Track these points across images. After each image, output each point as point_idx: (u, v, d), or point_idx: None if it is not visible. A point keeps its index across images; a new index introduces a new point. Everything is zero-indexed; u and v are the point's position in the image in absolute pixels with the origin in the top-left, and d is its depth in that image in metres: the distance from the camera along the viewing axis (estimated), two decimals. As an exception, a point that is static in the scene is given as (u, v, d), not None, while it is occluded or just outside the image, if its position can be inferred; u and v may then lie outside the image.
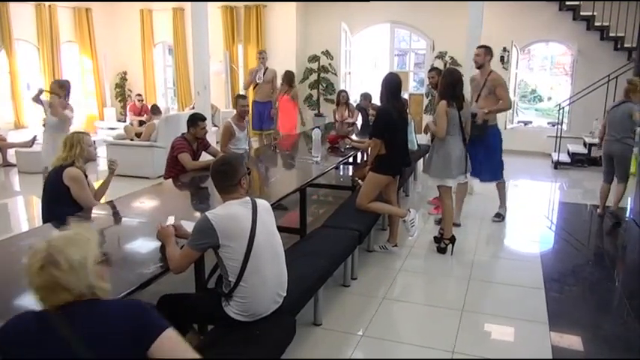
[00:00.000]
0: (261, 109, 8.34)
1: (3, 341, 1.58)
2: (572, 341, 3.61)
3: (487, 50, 5.68)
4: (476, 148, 5.42)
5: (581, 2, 9.46)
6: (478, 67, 5.73)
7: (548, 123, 11.15)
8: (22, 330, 1.59)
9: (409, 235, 4.88)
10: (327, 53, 11.13)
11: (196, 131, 5.20)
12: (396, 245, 4.99)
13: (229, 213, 2.58)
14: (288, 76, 8.33)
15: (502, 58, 10.18)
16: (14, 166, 8.80)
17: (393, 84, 4.69)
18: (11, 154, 8.93)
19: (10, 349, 1.57)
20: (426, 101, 10.73)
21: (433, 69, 6.31)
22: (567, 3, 9.53)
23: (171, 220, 3.10)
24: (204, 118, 5.29)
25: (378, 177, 4.73)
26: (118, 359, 1.57)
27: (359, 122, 8.42)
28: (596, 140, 9.07)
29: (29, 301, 2.33)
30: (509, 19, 10.05)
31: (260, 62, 8.53)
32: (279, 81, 8.70)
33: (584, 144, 9.33)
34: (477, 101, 5.73)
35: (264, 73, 8.40)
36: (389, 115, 4.64)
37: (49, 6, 11.14)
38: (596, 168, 8.94)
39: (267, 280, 2.62)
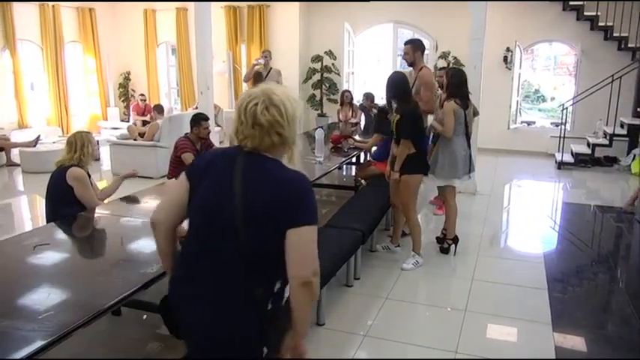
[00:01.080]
0: None
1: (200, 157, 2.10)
2: (576, 342, 3.60)
3: (415, 45, 5.25)
4: None
5: (585, 2, 9.43)
6: (410, 65, 5.34)
7: (552, 123, 11.13)
8: (213, 152, 2.07)
9: (402, 265, 4.66)
10: (330, 53, 11.12)
11: (199, 131, 5.21)
12: (398, 246, 4.99)
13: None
14: (254, 76, 8.07)
15: (505, 58, 10.17)
16: (18, 165, 8.83)
17: (404, 83, 4.59)
18: (15, 153, 8.96)
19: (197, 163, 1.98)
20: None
21: (442, 68, 6.23)
22: (571, 3, 9.50)
23: None
24: (207, 118, 5.30)
25: (414, 177, 4.62)
26: (263, 219, 1.72)
27: (362, 122, 8.43)
28: (600, 140, 9.08)
29: (32, 300, 2.34)
30: (513, 18, 10.03)
31: (262, 56, 8.56)
32: (283, 80, 8.68)
33: (588, 144, 9.31)
34: None
35: (267, 73, 8.41)
36: (416, 114, 4.58)
37: (53, 6, 11.16)
38: (600, 168, 8.96)
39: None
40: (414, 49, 5.22)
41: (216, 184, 1.78)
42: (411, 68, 5.38)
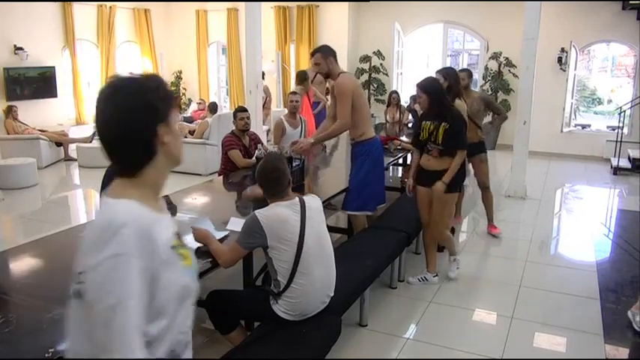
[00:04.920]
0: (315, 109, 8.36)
1: None
2: (629, 355, 3.46)
3: (324, 52, 4.30)
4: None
5: (647, 1, 9.05)
6: (326, 77, 4.53)
7: (608, 127, 10.71)
8: None
9: (448, 274, 4.44)
10: (378, 53, 11.07)
11: (237, 123, 5.27)
12: (436, 276, 4.39)
13: (278, 216, 2.59)
14: (298, 75, 7.90)
15: (560, 59, 9.86)
16: (75, 160, 9.18)
17: (440, 88, 4.20)
18: (72, 149, 9.32)
19: None
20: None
21: (464, 70, 5.78)
22: (631, 2, 9.11)
23: (203, 223, 3.02)
24: (243, 109, 5.36)
25: (454, 195, 4.28)
26: None
27: (410, 124, 8.34)
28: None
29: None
30: (568, 18, 9.71)
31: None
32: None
33: (647, 149, 8.92)
34: None
35: (316, 74, 8.42)
36: (464, 121, 4.24)
37: (110, 7, 11.55)
38: (660, 175, 8.56)
39: (316, 281, 2.63)
40: (324, 56, 4.29)
41: None
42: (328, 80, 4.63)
